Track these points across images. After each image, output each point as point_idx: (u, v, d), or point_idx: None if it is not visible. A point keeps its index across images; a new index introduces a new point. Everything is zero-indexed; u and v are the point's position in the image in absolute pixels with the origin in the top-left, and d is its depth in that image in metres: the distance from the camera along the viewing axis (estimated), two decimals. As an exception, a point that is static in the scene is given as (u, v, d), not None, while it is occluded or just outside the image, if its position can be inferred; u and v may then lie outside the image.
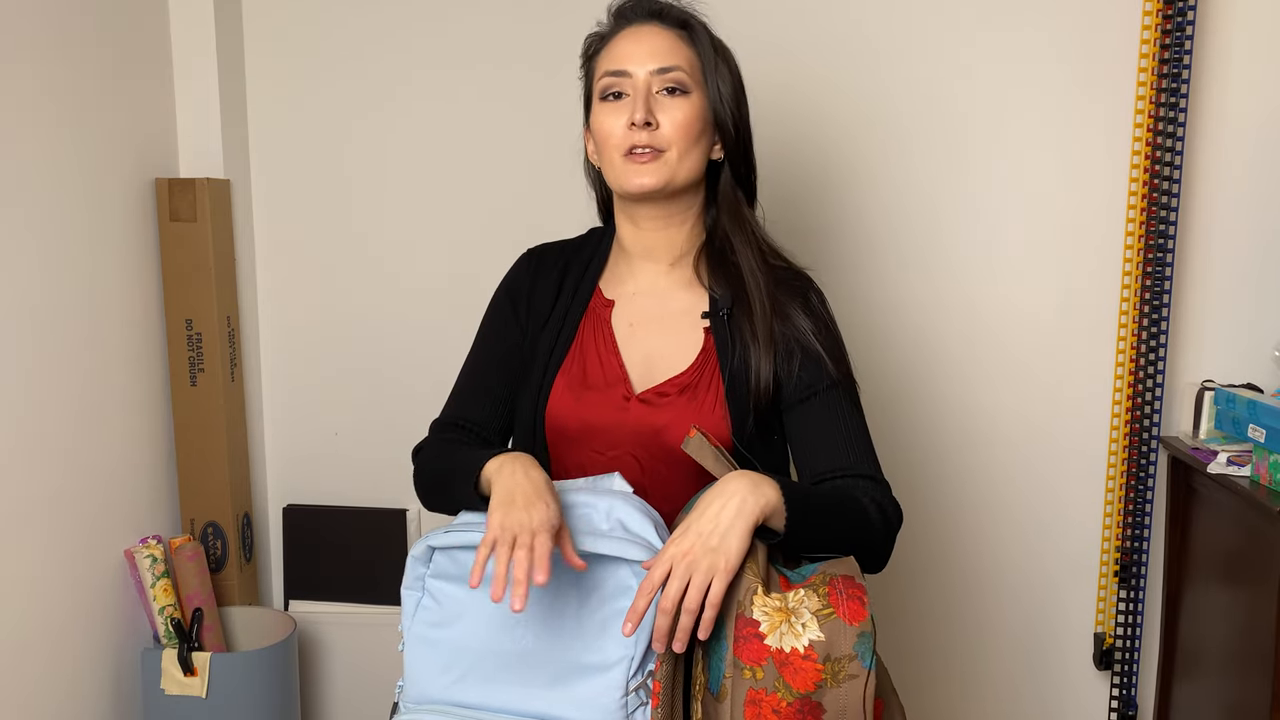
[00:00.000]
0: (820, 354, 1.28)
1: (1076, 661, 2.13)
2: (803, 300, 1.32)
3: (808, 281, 1.35)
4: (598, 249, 1.42)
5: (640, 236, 1.36)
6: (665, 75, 1.28)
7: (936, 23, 2.01)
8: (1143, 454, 2.01)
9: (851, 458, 1.26)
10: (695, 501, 1.13)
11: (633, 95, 1.28)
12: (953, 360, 2.09)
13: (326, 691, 2.32)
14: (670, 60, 1.28)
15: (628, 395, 1.30)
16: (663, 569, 1.08)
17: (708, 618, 1.06)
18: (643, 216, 1.34)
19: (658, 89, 1.28)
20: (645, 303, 1.36)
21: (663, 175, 1.28)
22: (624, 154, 1.28)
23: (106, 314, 1.97)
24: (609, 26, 1.35)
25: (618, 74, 1.29)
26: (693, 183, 1.33)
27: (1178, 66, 1.88)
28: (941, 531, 2.14)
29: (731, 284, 1.31)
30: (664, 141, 1.27)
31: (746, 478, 1.11)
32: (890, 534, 1.23)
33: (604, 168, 1.33)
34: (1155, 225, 1.94)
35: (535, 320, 1.38)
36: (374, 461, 2.28)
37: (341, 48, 2.19)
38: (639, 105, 1.26)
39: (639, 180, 1.28)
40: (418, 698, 1.20)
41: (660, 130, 1.27)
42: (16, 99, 1.74)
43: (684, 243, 1.36)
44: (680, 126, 1.27)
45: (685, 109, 1.28)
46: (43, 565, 1.82)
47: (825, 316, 1.33)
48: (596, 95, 1.32)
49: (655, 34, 1.30)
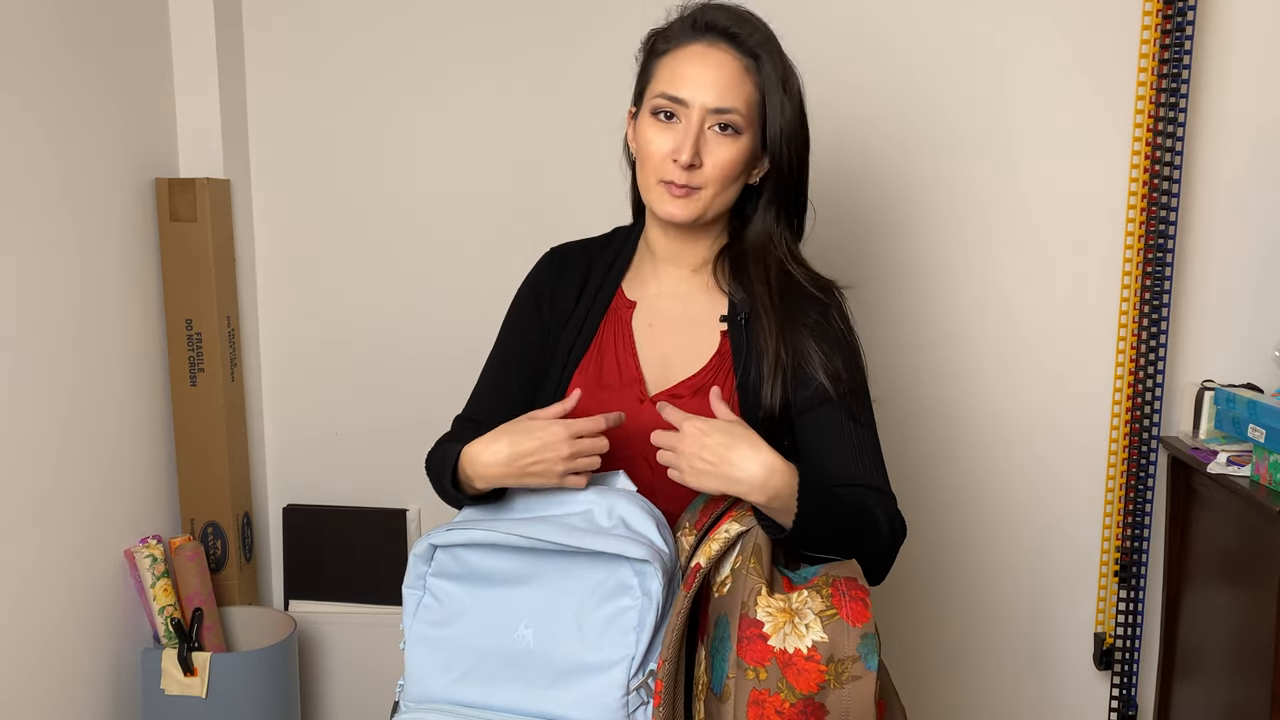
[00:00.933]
0: (834, 365, 1.28)
1: (1076, 661, 2.13)
2: (820, 311, 1.31)
3: (829, 293, 1.34)
4: (622, 249, 1.42)
5: (667, 242, 1.36)
6: (721, 115, 1.26)
7: (935, 24, 2.01)
8: (1143, 454, 2.01)
9: (860, 469, 1.26)
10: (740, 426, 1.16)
11: (684, 125, 1.26)
12: (952, 360, 2.09)
13: (326, 691, 2.31)
14: (729, 101, 1.25)
15: (642, 396, 1.31)
16: (675, 420, 1.16)
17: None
18: (671, 227, 1.34)
19: (710, 124, 1.26)
20: (666, 305, 1.36)
21: (694, 211, 1.28)
22: (660, 180, 1.28)
23: (106, 314, 1.97)
24: (677, 29, 1.31)
25: (675, 99, 1.26)
26: (725, 210, 1.33)
27: (1178, 66, 1.88)
28: (942, 531, 2.14)
29: (747, 291, 1.32)
30: (703, 180, 1.27)
31: (773, 466, 1.11)
32: (895, 546, 1.23)
33: (639, 174, 1.33)
34: (1155, 225, 1.94)
35: (558, 318, 1.38)
36: (374, 461, 2.27)
37: (342, 48, 2.19)
38: (687, 144, 1.25)
39: (668, 209, 1.28)
40: (419, 696, 1.20)
41: (702, 170, 1.26)
42: (17, 99, 1.73)
43: (709, 250, 1.37)
44: (722, 167, 1.26)
45: (732, 151, 1.27)
46: (43, 565, 1.81)
47: (841, 328, 1.32)
48: (648, 103, 1.30)
49: (722, 64, 1.26)
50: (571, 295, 1.39)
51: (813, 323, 1.30)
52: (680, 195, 1.27)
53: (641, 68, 1.34)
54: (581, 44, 2.07)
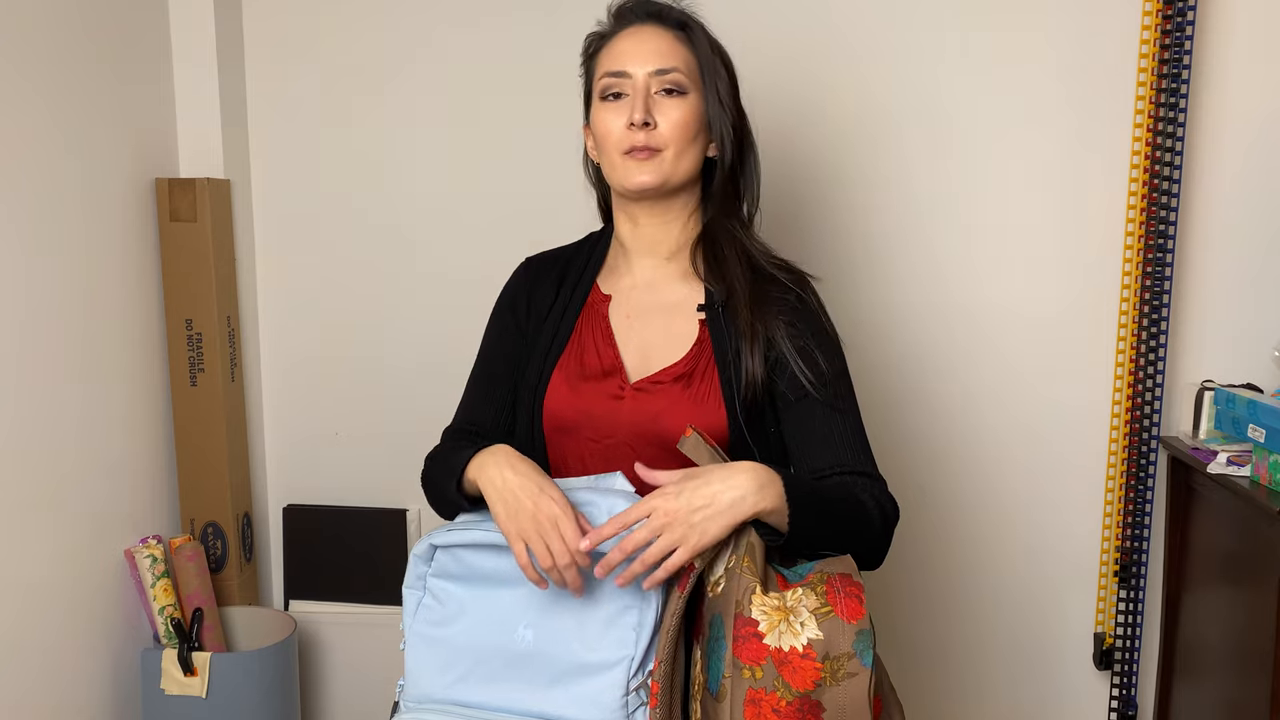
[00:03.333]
0: (813, 352, 1.28)
1: (1076, 661, 2.13)
2: (796, 298, 1.33)
3: (802, 281, 1.35)
4: (594, 250, 1.44)
5: (638, 233, 1.38)
6: (664, 76, 1.30)
7: (934, 23, 2.01)
8: (1143, 454, 2.01)
9: (847, 455, 1.26)
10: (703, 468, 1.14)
11: (632, 95, 1.31)
12: (953, 361, 2.09)
13: (326, 691, 2.32)
14: (669, 61, 1.31)
15: (623, 385, 1.31)
16: (640, 513, 1.11)
17: (656, 577, 1.11)
18: (641, 213, 1.36)
19: (656, 90, 1.30)
20: (642, 295, 1.37)
21: (660, 173, 1.31)
22: (623, 153, 1.31)
23: (106, 314, 1.97)
24: (609, 26, 1.37)
25: (617, 74, 1.32)
26: (689, 180, 1.35)
27: (1178, 66, 1.88)
28: (942, 531, 2.14)
29: (723, 279, 1.33)
30: (661, 141, 1.30)
31: (756, 475, 1.12)
32: (888, 531, 1.23)
33: (603, 165, 1.36)
34: (1155, 225, 1.94)
35: (535, 322, 1.40)
36: (374, 461, 2.28)
37: (341, 47, 2.19)
38: (638, 106, 1.29)
39: (638, 178, 1.31)
40: (419, 697, 1.20)
41: (658, 130, 1.30)
42: (16, 99, 1.74)
43: (681, 236, 1.38)
44: (677, 126, 1.30)
45: (682, 109, 1.31)
46: (43, 565, 1.82)
47: (818, 314, 1.34)
48: (596, 94, 1.35)
49: (654, 35, 1.32)
50: (548, 300, 1.40)
51: (789, 307, 1.31)
52: (644, 158, 1.30)
53: (584, 74, 1.40)
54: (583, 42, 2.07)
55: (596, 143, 1.36)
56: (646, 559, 1.10)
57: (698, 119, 1.32)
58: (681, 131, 1.30)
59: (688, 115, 1.31)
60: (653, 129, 1.29)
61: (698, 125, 1.32)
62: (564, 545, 1.12)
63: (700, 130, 1.33)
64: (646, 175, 1.30)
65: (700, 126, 1.33)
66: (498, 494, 1.17)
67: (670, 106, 1.30)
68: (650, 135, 1.29)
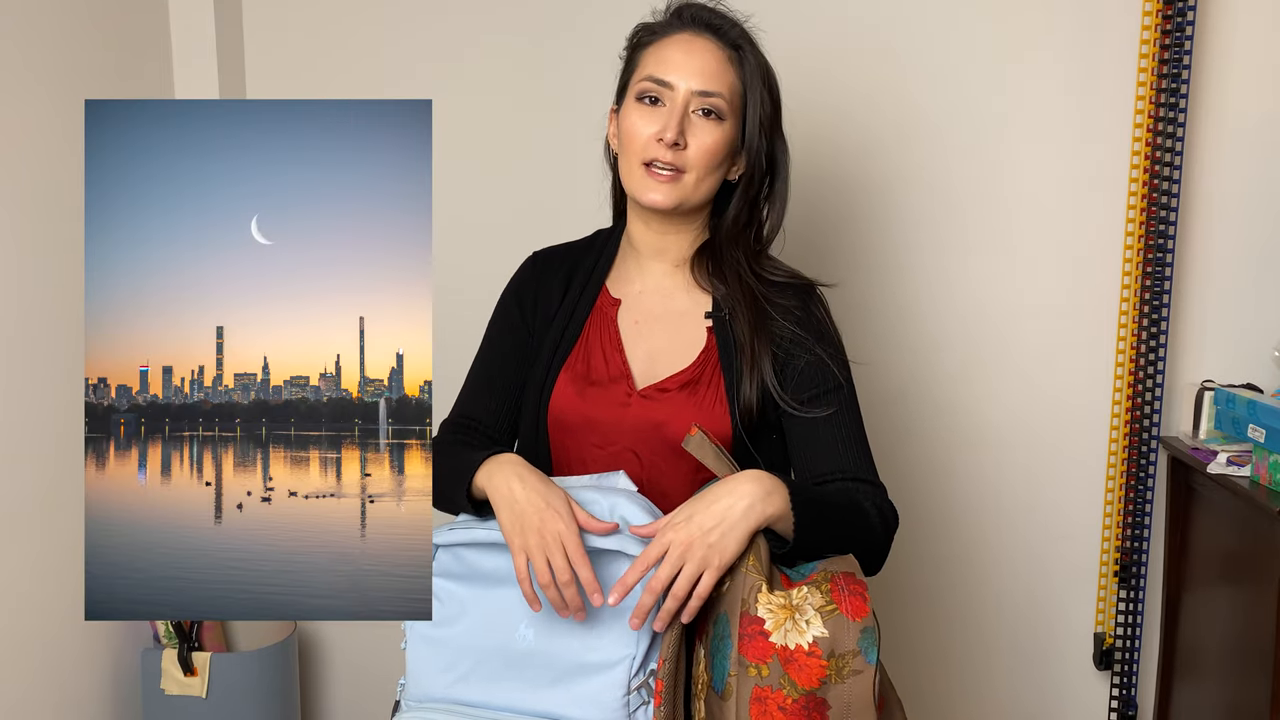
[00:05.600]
0: (816, 361, 1.29)
1: (1076, 661, 2.13)
2: (800, 307, 1.32)
3: (809, 289, 1.35)
4: (604, 249, 1.43)
5: (650, 236, 1.37)
6: (705, 99, 1.28)
7: (934, 21, 2.01)
8: (1143, 454, 2.01)
9: (848, 462, 1.27)
10: (705, 490, 1.14)
11: (669, 108, 1.28)
12: (953, 361, 2.09)
13: (326, 691, 2.31)
14: (714, 85, 1.28)
15: (630, 391, 1.31)
16: (658, 550, 1.10)
17: (691, 607, 1.10)
18: (653, 218, 1.36)
19: (695, 108, 1.28)
20: (651, 301, 1.37)
21: (676, 196, 1.29)
22: (643, 163, 1.29)
23: (107, 313, 1.97)
24: (663, 22, 1.34)
25: (659, 82, 1.29)
26: (706, 201, 1.34)
27: (1178, 66, 1.89)
28: (942, 531, 2.14)
29: (728, 287, 1.33)
30: (687, 163, 1.28)
31: (759, 482, 1.12)
32: (888, 537, 1.24)
33: (620, 162, 1.34)
34: (1155, 225, 1.94)
35: (541, 319, 1.39)
36: (374, 461, 2.27)
37: (341, 46, 2.19)
38: (672, 123, 1.26)
39: (652, 196, 1.29)
40: (420, 696, 1.20)
41: (686, 152, 1.28)
42: (16, 98, 1.73)
43: (692, 245, 1.38)
44: (706, 152, 1.28)
45: (715, 135, 1.28)
46: (43, 564, 1.81)
47: (824, 322, 1.33)
48: (633, 90, 1.32)
49: (706, 50, 1.29)
50: (555, 297, 1.39)
51: (795, 316, 1.31)
52: (664, 180, 1.28)
53: (626, 61, 1.36)
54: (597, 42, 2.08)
55: (621, 140, 1.33)
56: (677, 593, 1.09)
57: (727, 146, 1.30)
58: (709, 158, 1.28)
59: (719, 142, 1.29)
60: (681, 149, 1.27)
61: (726, 152, 1.30)
62: (565, 563, 1.11)
63: (726, 157, 1.31)
64: (660, 196, 1.29)
65: (728, 154, 1.31)
66: (505, 504, 1.16)
67: (704, 130, 1.28)
68: (677, 155, 1.27)
